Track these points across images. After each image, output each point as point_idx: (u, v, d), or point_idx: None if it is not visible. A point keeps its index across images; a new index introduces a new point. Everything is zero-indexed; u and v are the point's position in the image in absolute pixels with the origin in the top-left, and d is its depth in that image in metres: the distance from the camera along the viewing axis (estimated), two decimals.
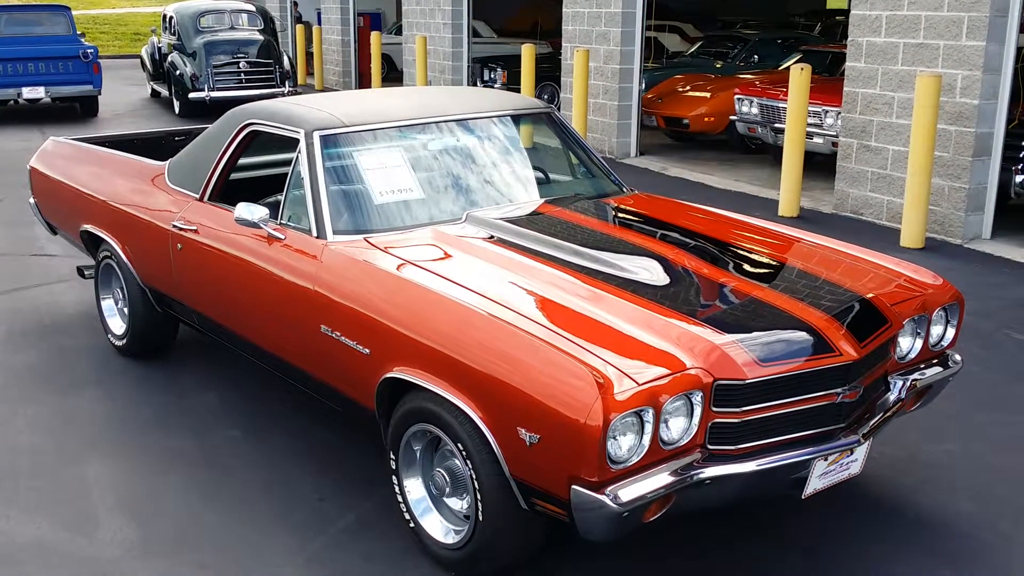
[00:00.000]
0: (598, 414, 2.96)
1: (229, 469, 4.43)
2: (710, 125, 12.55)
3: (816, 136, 10.47)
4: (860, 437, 3.45)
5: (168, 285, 5.11)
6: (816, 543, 3.84)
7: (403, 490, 3.77)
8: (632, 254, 3.98)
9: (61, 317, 6.42)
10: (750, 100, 11.45)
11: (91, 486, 4.30)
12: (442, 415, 3.45)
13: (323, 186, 4.20)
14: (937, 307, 3.93)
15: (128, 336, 5.62)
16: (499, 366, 3.25)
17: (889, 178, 8.60)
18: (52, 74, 15.33)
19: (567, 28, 12.97)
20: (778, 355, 3.29)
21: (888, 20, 8.48)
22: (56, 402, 5.14)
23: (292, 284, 4.12)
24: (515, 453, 3.22)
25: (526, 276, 3.74)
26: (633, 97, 12.25)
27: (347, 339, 3.84)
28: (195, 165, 5.00)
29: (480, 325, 3.40)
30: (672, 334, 3.31)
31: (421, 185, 4.45)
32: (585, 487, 3.04)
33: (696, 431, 3.21)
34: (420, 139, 4.62)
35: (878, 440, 4.47)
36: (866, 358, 3.45)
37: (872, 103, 8.71)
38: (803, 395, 3.34)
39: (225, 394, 5.23)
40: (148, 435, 4.77)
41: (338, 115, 4.46)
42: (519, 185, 4.73)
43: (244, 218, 4.26)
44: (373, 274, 3.86)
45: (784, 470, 3.35)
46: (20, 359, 5.72)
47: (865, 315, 3.63)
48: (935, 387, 4.00)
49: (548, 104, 5.18)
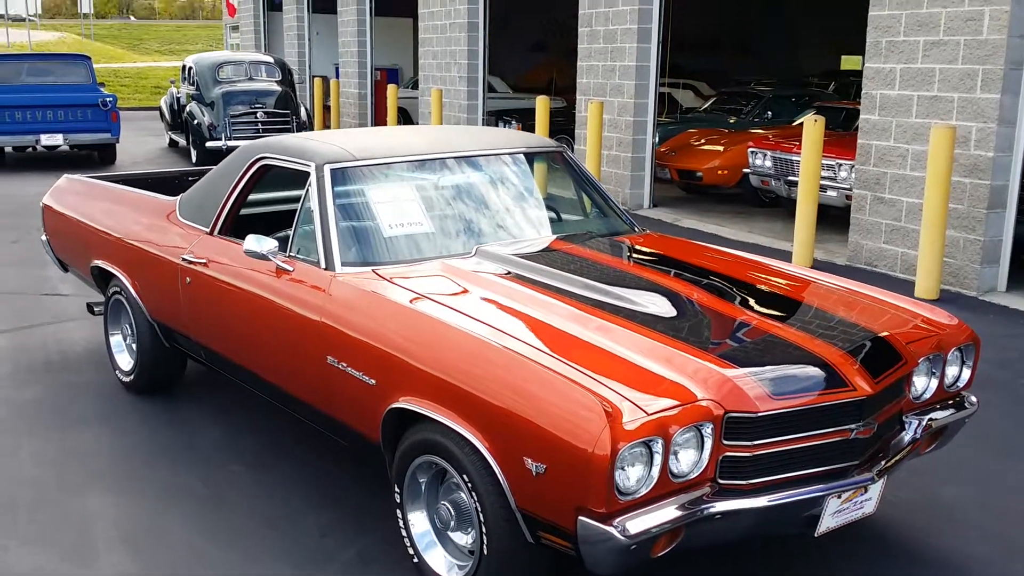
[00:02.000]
0: (606, 443, 2.90)
1: (232, 504, 4.37)
2: (723, 178, 12.57)
3: (830, 189, 10.46)
4: (874, 475, 3.38)
5: (176, 319, 5.09)
6: None
7: (407, 523, 3.70)
8: (644, 289, 3.94)
9: (69, 354, 6.39)
10: (763, 153, 11.47)
11: (92, 519, 4.24)
12: (448, 446, 3.39)
13: (332, 218, 4.19)
14: (953, 347, 3.86)
15: (135, 372, 5.59)
16: (506, 395, 3.20)
17: (903, 230, 8.57)
18: (71, 121, 15.51)
19: (581, 81, 13.07)
20: (791, 388, 3.23)
21: (902, 73, 8.51)
22: (60, 436, 5.09)
23: (299, 316, 4.09)
24: (521, 484, 3.15)
25: (535, 307, 3.70)
26: (647, 149, 12.30)
27: (353, 370, 3.80)
28: (206, 200, 5.01)
29: (487, 354, 3.36)
30: (683, 366, 3.25)
31: (431, 219, 4.44)
32: (592, 518, 2.97)
33: (707, 464, 3.14)
34: (431, 174, 4.62)
35: (892, 483, 4.38)
36: (880, 394, 3.39)
37: (886, 155, 8.70)
38: (816, 430, 3.27)
39: (230, 430, 5.18)
40: (152, 470, 4.72)
41: (349, 149, 4.47)
42: (530, 222, 4.71)
43: (253, 250, 4.25)
44: (380, 304, 3.83)
45: (796, 507, 3.27)
46: (26, 394, 5.69)
47: (879, 352, 3.58)
48: (950, 429, 3.92)
49: (559, 143, 5.18)
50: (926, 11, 8.26)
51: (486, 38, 16.09)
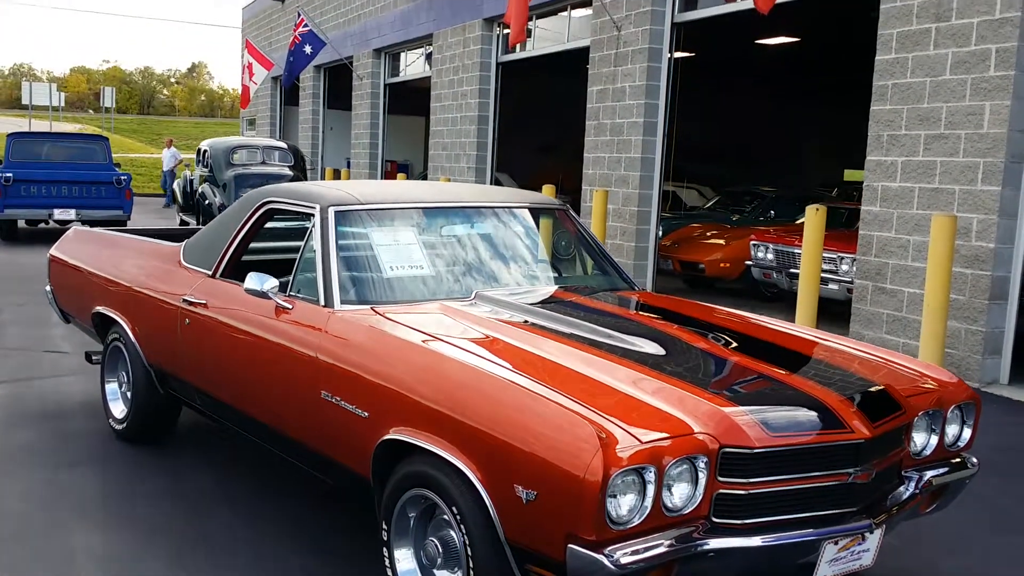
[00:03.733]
0: (598, 469, 2.86)
1: (217, 545, 4.28)
2: (726, 271, 12.65)
3: (831, 282, 10.51)
4: (872, 523, 3.31)
5: (173, 363, 5.07)
6: None
7: (393, 561, 3.61)
8: (644, 335, 3.92)
9: (64, 405, 6.35)
10: (766, 246, 11.56)
11: (75, 553, 4.15)
12: (438, 478, 3.34)
13: (334, 258, 4.21)
14: (952, 404, 3.83)
15: (129, 419, 5.54)
16: (498, 423, 3.17)
17: (905, 320, 8.57)
18: (84, 198, 15.73)
19: (588, 172, 13.27)
20: (788, 427, 3.20)
21: (904, 165, 8.63)
22: (49, 477, 5.03)
23: (296, 352, 4.08)
24: (511, 513, 3.10)
25: (531, 344, 3.69)
26: (650, 239, 12.41)
27: (346, 403, 3.77)
28: (210, 244, 5.04)
29: (479, 383, 3.34)
30: (679, 400, 3.22)
31: (432, 264, 4.47)
32: (582, 546, 2.90)
33: (701, 500, 3.08)
34: (434, 222, 4.66)
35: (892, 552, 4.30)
36: (878, 440, 3.34)
37: (887, 246, 8.77)
38: (813, 472, 3.22)
39: (220, 478, 5.11)
40: (138, 511, 4.64)
41: (354, 194, 4.52)
42: (531, 273, 4.74)
43: (254, 288, 4.26)
44: (374, 337, 3.82)
45: (792, 550, 3.20)
46: (18, 438, 5.64)
47: (878, 400, 3.54)
48: (951, 489, 3.86)
49: (563, 203, 5.23)
50: (927, 106, 8.42)
51: (495, 131, 16.40)
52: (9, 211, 15.52)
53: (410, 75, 21.17)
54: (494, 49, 16.53)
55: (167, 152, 27.29)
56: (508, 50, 16.11)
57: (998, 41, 7.84)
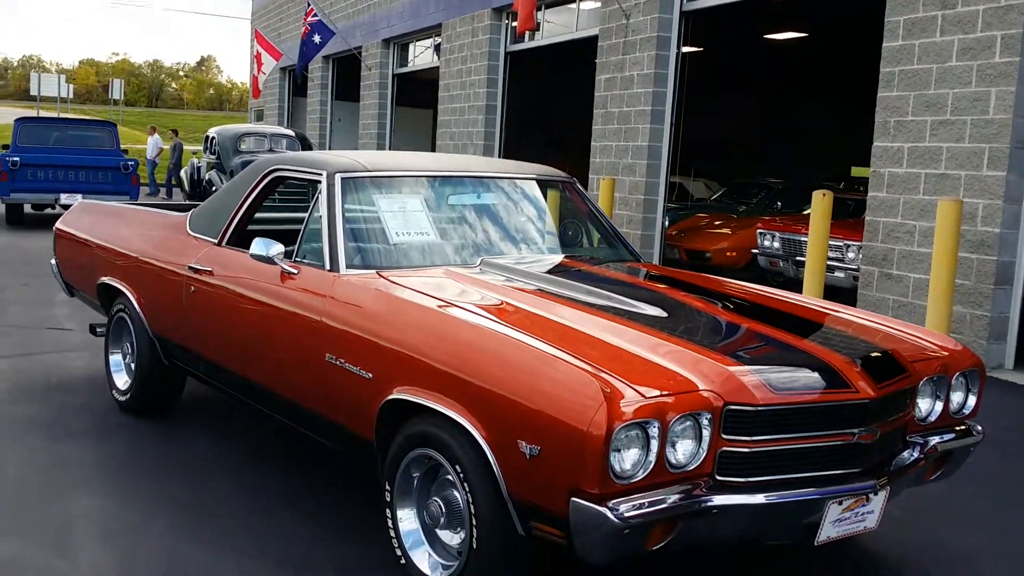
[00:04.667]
0: (601, 423, 2.86)
1: (218, 512, 4.28)
2: (732, 259, 12.61)
3: (837, 270, 10.48)
4: (877, 483, 3.30)
5: (178, 332, 5.07)
6: None
7: (396, 522, 3.61)
8: (650, 300, 3.91)
9: (67, 380, 6.35)
10: (772, 234, 11.53)
11: (75, 519, 4.15)
12: (441, 436, 3.34)
13: (340, 223, 4.21)
14: (957, 371, 3.81)
15: (132, 390, 5.54)
16: (502, 380, 3.16)
17: (911, 306, 8.55)
18: (91, 183, 15.72)
19: (595, 160, 13.25)
20: (792, 385, 3.19)
21: (910, 151, 8.61)
22: (50, 447, 5.03)
23: (301, 317, 4.08)
24: (514, 470, 3.09)
25: (535, 307, 3.69)
26: (656, 227, 12.38)
27: (351, 365, 3.76)
28: (216, 213, 5.04)
29: (484, 341, 3.33)
30: (683, 359, 3.21)
31: (438, 232, 4.46)
32: (586, 500, 2.90)
33: (705, 457, 3.08)
34: (441, 191, 4.66)
35: (898, 525, 4.29)
36: (883, 401, 3.33)
37: (893, 232, 8.74)
38: (817, 431, 3.21)
39: (223, 448, 5.10)
40: (139, 480, 4.64)
41: (361, 162, 4.52)
42: (538, 242, 4.73)
43: (259, 254, 4.26)
44: (379, 299, 3.82)
45: (795, 509, 3.19)
46: (20, 410, 5.63)
47: (883, 362, 3.53)
48: (956, 456, 3.84)
49: (570, 176, 5.22)
50: (934, 92, 8.39)
51: (503, 121, 16.39)
52: (16, 195, 15.53)
53: (418, 65, 21.15)
54: (502, 39, 16.51)
55: (151, 140, 26.68)
56: (516, 39, 16.09)
57: (1003, 28, 7.80)
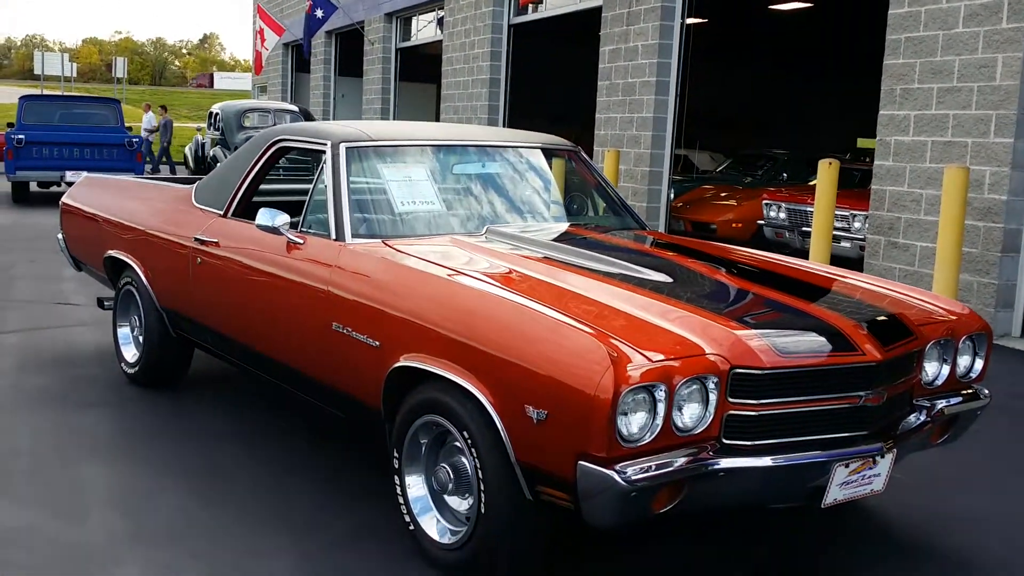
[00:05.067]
0: (608, 386, 2.86)
1: (230, 479, 4.31)
2: (737, 231, 12.59)
3: (844, 240, 10.46)
4: (883, 446, 3.31)
5: (185, 304, 5.09)
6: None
7: (404, 489, 3.63)
8: (657, 266, 3.92)
9: (76, 353, 6.39)
10: (778, 205, 11.51)
11: (86, 485, 4.19)
12: (448, 403, 3.35)
13: (345, 192, 4.21)
14: (964, 335, 3.81)
15: (141, 363, 5.57)
16: (509, 345, 3.17)
17: (917, 275, 8.53)
18: (96, 160, 15.73)
19: (599, 133, 13.21)
20: (798, 348, 3.19)
21: (916, 119, 8.57)
22: (61, 417, 5.06)
23: (307, 287, 4.08)
24: (522, 434, 3.11)
25: (542, 273, 3.69)
26: (661, 199, 12.37)
27: (357, 334, 3.78)
28: (222, 184, 5.04)
29: (490, 307, 3.34)
30: (690, 323, 3.22)
31: (444, 200, 4.46)
32: (593, 463, 2.91)
33: (711, 421, 3.08)
34: (445, 159, 4.65)
35: (906, 489, 4.31)
36: (890, 363, 3.33)
37: (900, 200, 8.72)
38: (824, 394, 3.22)
39: (233, 419, 5.13)
40: (150, 448, 4.67)
41: (365, 131, 4.51)
42: (543, 211, 4.73)
43: (265, 224, 4.26)
44: (385, 267, 3.83)
45: (802, 472, 3.20)
46: (29, 382, 5.67)
47: (890, 325, 3.54)
48: (962, 419, 3.85)
49: (575, 144, 5.21)
50: (940, 59, 8.34)
51: (507, 94, 16.33)
52: (21, 173, 15.55)
53: (422, 39, 21.06)
54: (506, 11, 16.42)
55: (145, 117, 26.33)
56: (520, 11, 16.01)
57: None
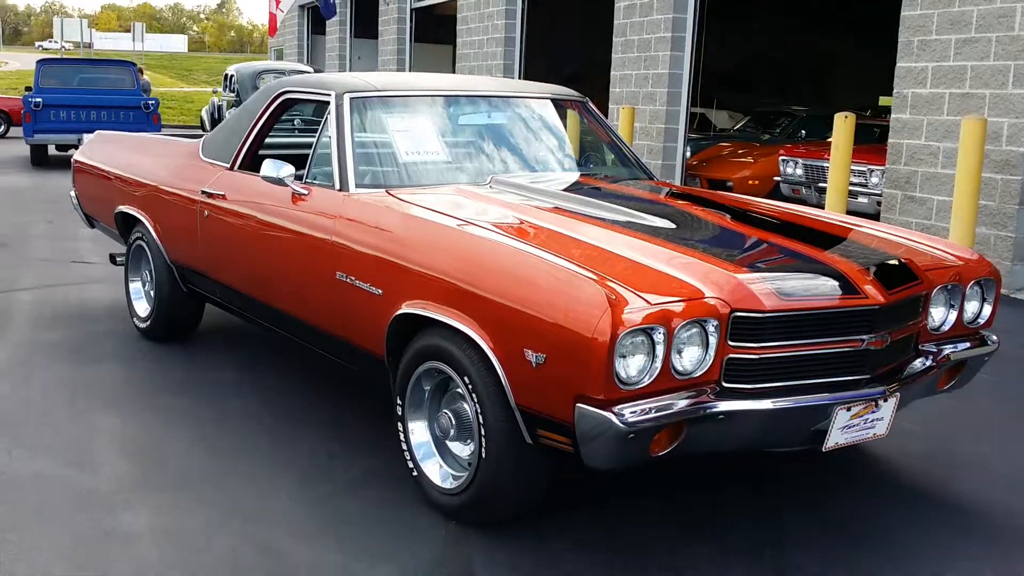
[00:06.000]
0: (606, 329, 2.86)
1: (239, 429, 4.35)
2: (754, 188, 12.49)
3: (860, 196, 10.37)
4: (886, 390, 3.29)
5: (194, 258, 5.11)
6: (846, 519, 3.64)
7: (407, 435, 3.66)
8: (663, 213, 3.90)
9: (90, 309, 6.44)
10: (795, 161, 11.41)
11: (97, 434, 4.24)
12: (450, 349, 3.36)
13: (349, 143, 4.20)
14: (972, 280, 3.78)
15: (152, 317, 5.60)
16: (508, 290, 3.17)
17: (934, 228, 8.46)
18: (113, 122, 15.75)
19: (615, 90, 13.11)
20: (799, 291, 3.17)
21: (934, 71, 8.45)
22: (75, 370, 5.12)
23: (312, 238, 4.09)
24: (521, 379, 3.11)
25: (544, 220, 3.68)
26: (677, 157, 12.28)
27: (361, 282, 3.78)
28: (228, 137, 5.04)
29: (490, 253, 3.34)
30: (691, 267, 3.21)
31: (448, 151, 4.45)
32: (591, 405, 2.91)
33: (711, 364, 3.08)
34: (451, 110, 4.63)
35: (912, 436, 4.30)
36: (894, 307, 3.31)
37: (917, 154, 8.62)
38: (826, 337, 3.20)
39: (244, 371, 5.16)
40: (161, 399, 4.72)
41: (370, 82, 4.50)
42: (551, 161, 4.71)
43: (270, 175, 4.26)
44: (388, 215, 3.83)
45: (803, 415, 3.20)
46: (43, 337, 5.72)
47: (895, 269, 3.51)
48: (969, 366, 3.83)
49: (583, 95, 5.17)
50: (958, 9, 8.21)
51: (522, 53, 16.21)
52: (39, 136, 15.61)
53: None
54: None
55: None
56: None
57: None
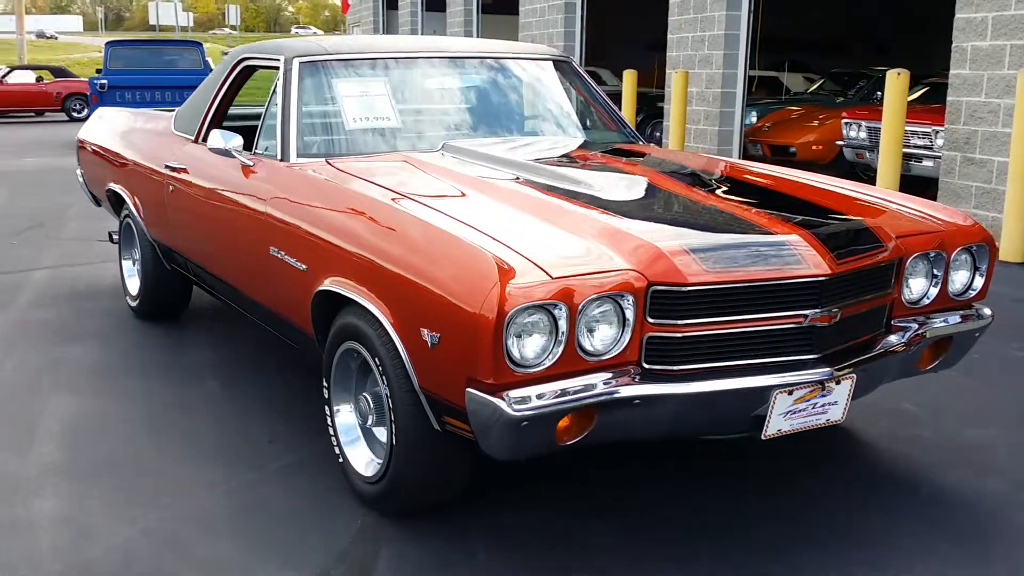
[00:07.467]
0: (493, 305, 2.57)
1: (192, 412, 4.18)
2: (818, 154, 11.89)
3: (926, 159, 9.75)
4: (834, 371, 2.91)
5: (166, 234, 4.97)
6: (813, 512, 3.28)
7: (334, 420, 3.43)
8: (607, 180, 3.56)
9: (95, 288, 6.38)
10: (858, 124, 10.79)
11: (45, 417, 4.11)
12: (363, 328, 3.11)
13: (294, 110, 3.98)
14: (958, 247, 3.36)
15: (140, 295, 5.50)
16: (409, 264, 2.91)
17: (994, 192, 7.85)
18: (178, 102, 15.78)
19: (671, 54, 12.62)
20: (728, 261, 2.82)
21: (994, 21, 7.81)
22: (52, 350, 5.03)
23: (251, 211, 3.89)
24: (421, 360, 2.85)
25: (468, 186, 3.41)
26: (735, 123, 11.75)
27: (288, 257, 3.57)
28: (194, 108, 4.88)
29: (398, 224, 3.08)
30: (610, 236, 2.89)
31: (401, 116, 4.18)
32: (480, 390, 2.63)
33: (628, 344, 2.76)
34: (409, 73, 4.36)
35: (912, 420, 3.91)
36: (844, 278, 2.94)
37: (976, 112, 8.00)
38: (761, 313, 2.85)
39: (222, 354, 5.00)
40: (127, 380, 4.59)
41: (324, 45, 4.26)
42: (512, 125, 4.40)
43: (217, 147, 4.06)
44: (314, 186, 3.60)
45: (734, 400, 2.86)
46: (38, 315, 5.68)
47: (851, 235, 3.12)
48: (958, 343, 3.41)
49: (565, 54, 4.84)
50: None
51: (583, 20, 15.79)
52: None
53: None
54: None
55: None
56: None
57: None
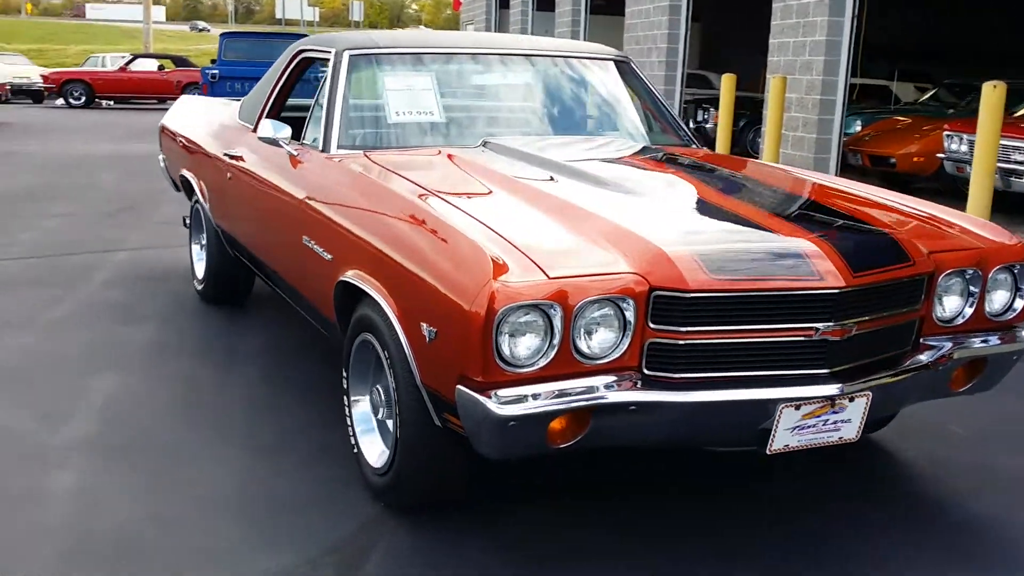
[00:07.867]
0: (484, 301, 2.55)
1: (227, 396, 4.26)
2: (919, 166, 11.46)
3: None
4: (843, 387, 2.79)
5: (226, 220, 5.09)
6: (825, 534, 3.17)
7: (350, 410, 3.46)
8: (640, 184, 3.50)
9: (168, 271, 6.55)
10: (960, 136, 10.36)
11: (87, 394, 4.23)
12: (375, 319, 3.13)
13: (340, 102, 4.03)
14: (997, 265, 3.19)
15: (205, 279, 5.65)
16: (413, 258, 2.92)
17: None
18: None
19: (772, 59, 12.33)
20: (735, 268, 2.74)
21: None
22: (108, 329, 5.18)
23: (293, 198, 3.95)
24: (421, 354, 2.85)
25: (497, 183, 3.40)
26: (834, 131, 11.41)
27: (318, 247, 3.62)
28: (256, 98, 4.98)
29: (402, 215, 3.10)
30: (617, 238, 2.83)
31: (446, 112, 4.19)
32: (470, 387, 2.61)
33: (627, 349, 2.70)
34: (459, 69, 4.36)
35: (949, 443, 3.75)
36: (861, 292, 2.81)
37: None
38: (768, 323, 2.76)
39: (274, 340, 5.08)
40: (175, 362, 4.70)
41: (375, 39, 4.30)
42: (562, 124, 4.36)
43: (267, 136, 4.14)
44: (342, 178, 3.65)
45: (737, 411, 2.77)
46: (106, 295, 5.87)
47: (876, 247, 2.99)
48: (993, 364, 3.23)
49: (624, 54, 4.78)
50: None
51: (688, 22, 15.57)
52: None
53: None
54: None
55: None
56: None
57: None
